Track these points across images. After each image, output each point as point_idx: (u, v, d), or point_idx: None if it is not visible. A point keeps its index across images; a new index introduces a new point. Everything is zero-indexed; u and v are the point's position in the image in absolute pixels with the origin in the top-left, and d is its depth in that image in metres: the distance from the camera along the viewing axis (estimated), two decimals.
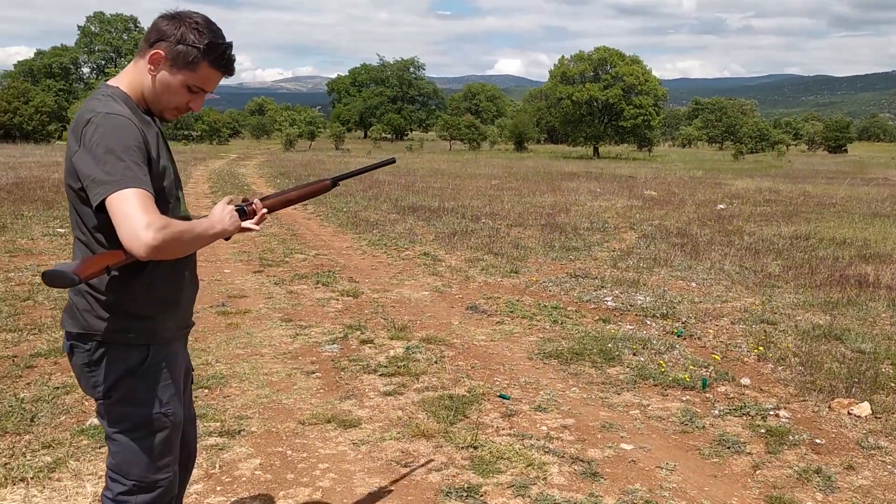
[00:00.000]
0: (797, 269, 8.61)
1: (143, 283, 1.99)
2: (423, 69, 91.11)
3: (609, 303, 6.96)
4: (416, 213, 13.17)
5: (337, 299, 6.96)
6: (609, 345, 5.54)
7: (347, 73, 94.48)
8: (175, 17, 1.99)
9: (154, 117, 2.06)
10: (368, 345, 5.50)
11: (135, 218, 1.73)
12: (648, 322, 6.31)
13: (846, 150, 77.70)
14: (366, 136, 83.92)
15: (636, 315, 6.53)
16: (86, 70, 74.81)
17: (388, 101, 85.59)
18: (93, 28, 73.04)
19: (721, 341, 5.78)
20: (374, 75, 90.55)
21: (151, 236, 1.72)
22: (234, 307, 6.52)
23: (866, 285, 7.73)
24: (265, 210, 2.22)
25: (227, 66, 2.04)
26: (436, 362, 5.10)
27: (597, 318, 6.43)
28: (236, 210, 2.11)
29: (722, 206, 15.63)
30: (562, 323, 6.23)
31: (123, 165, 1.80)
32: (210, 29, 1.99)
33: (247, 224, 2.14)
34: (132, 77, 2.02)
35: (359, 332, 5.79)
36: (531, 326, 6.15)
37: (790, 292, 7.50)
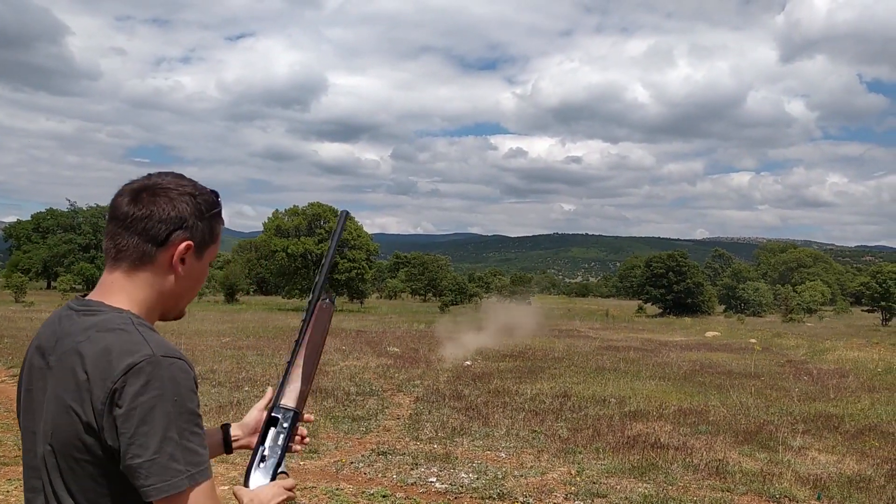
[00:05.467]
0: (583, 432, 8.90)
1: None
2: None
3: (437, 484, 6.49)
4: None
5: None
6: None
7: (30, 218, 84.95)
8: (163, 189, 1.42)
9: None
10: None
11: None
12: None
13: (530, 303, 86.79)
14: (49, 286, 75.34)
15: (472, 498, 6.15)
16: None
17: (79, 249, 78.20)
18: None
19: None
20: (62, 221, 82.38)
21: None
22: None
23: (656, 446, 8.18)
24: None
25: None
26: None
27: None
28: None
29: (469, 363, 16.10)
30: None
31: (196, 444, 1.27)
32: (193, 180, 1.49)
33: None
34: (135, 293, 1.41)
35: None
36: None
37: (593, 457, 7.66)
